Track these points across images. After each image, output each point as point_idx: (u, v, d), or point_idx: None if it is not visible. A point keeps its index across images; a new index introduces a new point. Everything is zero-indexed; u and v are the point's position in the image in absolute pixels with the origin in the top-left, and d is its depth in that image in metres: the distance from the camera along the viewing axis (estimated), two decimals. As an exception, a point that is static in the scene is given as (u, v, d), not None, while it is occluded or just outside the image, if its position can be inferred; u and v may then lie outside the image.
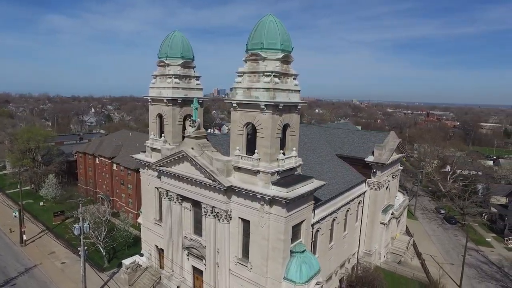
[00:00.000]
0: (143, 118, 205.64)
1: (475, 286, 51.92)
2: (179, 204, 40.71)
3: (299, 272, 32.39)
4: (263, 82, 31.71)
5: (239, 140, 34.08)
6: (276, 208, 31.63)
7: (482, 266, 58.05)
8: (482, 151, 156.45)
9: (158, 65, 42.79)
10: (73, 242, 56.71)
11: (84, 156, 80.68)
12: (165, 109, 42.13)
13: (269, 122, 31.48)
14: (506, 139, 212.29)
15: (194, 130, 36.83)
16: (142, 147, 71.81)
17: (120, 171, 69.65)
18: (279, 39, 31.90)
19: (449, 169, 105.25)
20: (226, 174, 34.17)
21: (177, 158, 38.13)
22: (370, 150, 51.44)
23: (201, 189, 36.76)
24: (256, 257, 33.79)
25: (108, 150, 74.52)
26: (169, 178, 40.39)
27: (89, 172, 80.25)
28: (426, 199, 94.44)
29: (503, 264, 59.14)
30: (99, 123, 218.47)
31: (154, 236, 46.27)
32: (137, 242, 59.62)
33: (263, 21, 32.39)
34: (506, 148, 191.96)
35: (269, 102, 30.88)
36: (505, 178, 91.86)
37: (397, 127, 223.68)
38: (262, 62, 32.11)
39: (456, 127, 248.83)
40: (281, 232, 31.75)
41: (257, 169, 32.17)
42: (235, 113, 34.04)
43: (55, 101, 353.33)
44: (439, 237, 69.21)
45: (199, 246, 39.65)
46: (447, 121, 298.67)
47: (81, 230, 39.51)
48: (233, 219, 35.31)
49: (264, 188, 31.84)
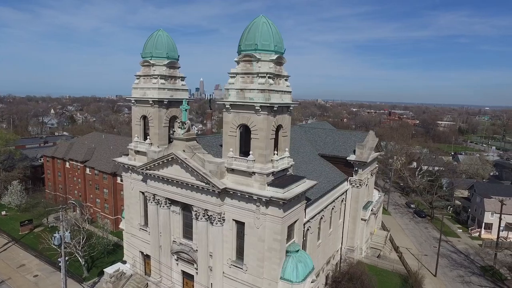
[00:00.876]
0: (109, 119, 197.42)
1: (448, 274, 55.45)
2: (167, 208, 39.61)
3: (295, 271, 32.76)
4: (257, 84, 31.68)
5: (232, 142, 33.80)
6: (272, 209, 31.75)
7: (452, 255, 62.10)
8: (441, 147, 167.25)
9: (142, 65, 41.32)
10: (48, 252, 53.08)
11: (53, 160, 75.99)
12: (150, 111, 40.78)
13: (264, 124, 31.54)
14: (460, 136, 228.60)
15: (184, 132, 35.99)
16: (117, 149, 69.16)
17: (94, 175, 66.41)
18: (272, 40, 32.06)
19: (415, 165, 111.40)
20: (219, 176, 33.77)
21: (166, 161, 37.06)
22: (351, 149, 53.16)
23: (192, 192, 36.00)
24: (252, 259, 33.72)
25: (80, 154, 70.77)
26: (156, 182, 39.15)
27: (58, 177, 75.74)
28: (396, 195, 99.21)
29: (469, 252, 63.70)
30: (61, 125, 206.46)
31: (139, 242, 44.62)
32: (116, 249, 57.39)
33: (256, 22, 32.36)
34: (461, 145, 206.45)
35: (264, 104, 30.94)
36: (466, 173, 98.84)
37: (363, 125, 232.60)
38: (256, 64, 32.08)
39: (417, 125, 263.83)
40: (278, 233, 31.94)
41: (253, 170, 32.11)
42: (227, 114, 33.71)
43: (7, 101, 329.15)
44: (411, 230, 73.05)
45: (190, 250, 38.83)
46: (408, 120, 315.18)
47: (62, 239, 37.30)
48: (226, 221, 34.95)
49: (260, 189, 31.85)
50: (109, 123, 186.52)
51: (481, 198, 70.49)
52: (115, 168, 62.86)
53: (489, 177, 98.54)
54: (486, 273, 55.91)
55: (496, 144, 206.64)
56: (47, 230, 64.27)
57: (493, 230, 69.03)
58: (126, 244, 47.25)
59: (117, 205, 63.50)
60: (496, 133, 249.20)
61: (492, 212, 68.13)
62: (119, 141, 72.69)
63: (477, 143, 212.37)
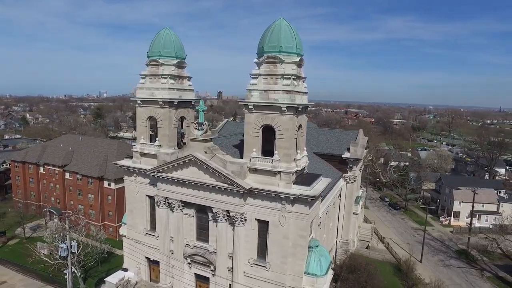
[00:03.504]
0: (67, 120, 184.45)
1: (430, 259, 60.52)
2: (180, 211, 38.83)
3: (319, 265, 34.06)
4: (282, 85, 32.44)
5: (255, 142, 34.19)
6: (298, 207, 32.70)
7: (430, 242, 67.68)
8: (399, 144, 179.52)
9: (148, 64, 39.93)
10: (37, 266, 48.81)
11: (23, 166, 69.89)
12: (159, 111, 39.58)
13: (290, 124, 32.40)
14: (414, 133, 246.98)
15: (202, 133, 35.61)
16: (99, 152, 66.00)
17: (76, 180, 62.38)
18: (295, 43, 33.00)
19: (382, 161, 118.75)
20: (242, 177, 33.97)
21: (182, 163, 36.35)
22: (344, 147, 55.77)
23: (211, 193, 35.74)
24: (276, 256, 34.37)
25: (57, 158, 65.96)
26: (168, 185, 38.20)
27: (30, 184, 69.86)
28: (369, 190, 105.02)
29: (443, 239, 70.00)
30: (11, 126, 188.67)
31: (144, 248, 43.03)
32: (108, 258, 54.85)
33: (278, 25, 33.07)
34: (415, 141, 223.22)
35: (290, 104, 31.81)
36: (430, 167, 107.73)
37: (325, 124, 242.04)
38: (280, 65, 32.78)
39: (373, 123, 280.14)
40: (303, 229, 33.00)
41: (278, 170, 32.78)
42: (250, 115, 34.03)
43: None
44: (390, 222, 78.18)
45: (205, 252, 38.48)
46: (364, 118, 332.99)
47: (68, 249, 35.12)
48: (248, 221, 35.26)
49: (286, 188, 32.63)
50: (67, 124, 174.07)
51: (450, 189, 77.59)
52: (102, 172, 59.67)
53: (451, 171, 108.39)
54: (461, 256, 61.90)
55: (446, 140, 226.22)
56: (23, 242, 59.28)
57: (460, 218, 76.35)
58: (127, 251, 45.25)
59: (105, 211, 60.31)
60: (443, 130, 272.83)
61: (459, 201, 75.32)
62: (99, 144, 68.97)
63: (429, 140, 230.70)
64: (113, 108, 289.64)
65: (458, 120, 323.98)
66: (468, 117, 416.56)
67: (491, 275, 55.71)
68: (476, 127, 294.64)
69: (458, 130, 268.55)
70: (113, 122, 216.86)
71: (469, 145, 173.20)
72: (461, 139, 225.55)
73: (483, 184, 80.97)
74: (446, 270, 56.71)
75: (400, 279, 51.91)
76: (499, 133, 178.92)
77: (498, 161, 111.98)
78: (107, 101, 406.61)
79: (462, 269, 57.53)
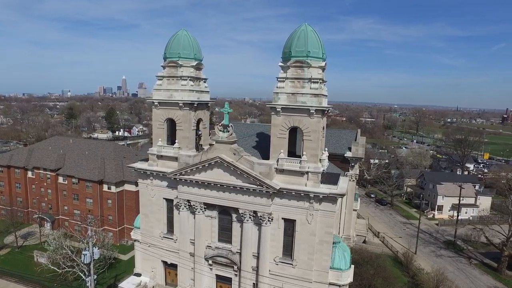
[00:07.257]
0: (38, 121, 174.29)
1: (423, 250, 64.58)
2: (202, 213, 38.92)
3: (343, 260, 35.74)
4: (309, 88, 33.67)
5: (282, 144, 35.15)
6: (325, 205, 34.11)
7: (420, 235, 71.80)
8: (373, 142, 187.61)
9: (166, 65, 39.55)
10: (44, 275, 46.59)
11: (8, 170, 65.88)
12: (178, 114, 39.35)
13: (318, 126, 33.72)
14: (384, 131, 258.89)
15: (228, 135, 35.98)
16: (94, 155, 64.06)
17: (72, 184, 59.93)
18: (321, 48, 34.33)
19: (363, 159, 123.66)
20: (270, 178, 34.80)
21: (207, 165, 36.49)
22: (344, 146, 58.06)
23: (237, 194, 36.23)
24: (302, 253, 35.56)
25: (48, 161, 62.92)
26: (190, 187, 38.18)
27: (17, 189, 66.04)
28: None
29: (431, 231, 74.80)
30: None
31: (160, 251, 42.57)
32: (112, 263, 53.53)
33: (303, 30, 34.21)
34: (387, 139, 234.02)
35: (318, 107, 33.14)
36: (411, 164, 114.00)
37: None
38: (307, 69, 33.97)
39: (344, 122, 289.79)
40: (330, 226, 34.48)
41: (306, 170, 33.98)
42: (277, 117, 34.94)
43: None
44: (380, 217, 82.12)
45: (228, 253, 38.88)
46: (336, 117, 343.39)
47: (91, 257, 34.31)
48: (274, 220, 36.15)
49: (314, 187, 33.92)
50: (37, 125, 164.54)
51: (433, 185, 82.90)
52: (101, 175, 57.81)
53: (429, 167, 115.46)
54: (450, 246, 66.61)
55: (415, 138, 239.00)
56: (15, 251, 56.20)
57: (443, 211, 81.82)
58: (140, 256, 44.53)
59: (105, 215, 58.46)
60: (411, 128, 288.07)
61: (443, 196, 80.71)
62: (93, 146, 66.68)
63: (399, 138, 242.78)
64: (83, 107, 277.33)
65: (423, 119, 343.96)
66: (431, 116, 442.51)
67: (478, 262, 60.62)
68: (439, 125, 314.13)
69: (425, 128, 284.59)
70: (86, 122, 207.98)
71: (437, 143, 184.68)
72: (428, 137, 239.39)
73: (462, 179, 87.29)
74: (439, 260, 60.91)
75: (400, 270, 55.05)
76: (459, 131, 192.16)
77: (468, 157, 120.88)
78: (73, 100, 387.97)
79: (452, 258, 62.05)
